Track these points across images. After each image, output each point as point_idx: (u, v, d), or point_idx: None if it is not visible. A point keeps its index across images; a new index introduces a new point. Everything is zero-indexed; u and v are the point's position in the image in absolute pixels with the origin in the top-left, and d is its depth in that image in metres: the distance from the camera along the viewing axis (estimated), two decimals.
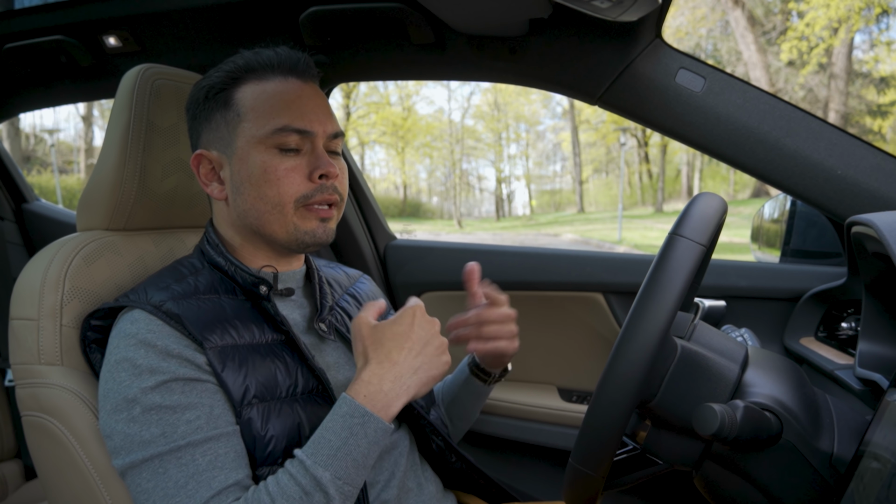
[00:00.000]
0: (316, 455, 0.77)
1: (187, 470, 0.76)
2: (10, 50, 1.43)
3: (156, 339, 0.81)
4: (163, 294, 0.86)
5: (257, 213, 0.89)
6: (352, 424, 0.78)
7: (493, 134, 31.28)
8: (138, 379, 0.79)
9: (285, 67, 0.91)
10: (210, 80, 0.91)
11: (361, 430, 0.78)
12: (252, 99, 0.89)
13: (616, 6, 0.89)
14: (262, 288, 0.90)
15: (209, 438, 0.78)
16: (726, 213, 0.79)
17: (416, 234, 21.42)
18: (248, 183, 0.88)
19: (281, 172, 0.87)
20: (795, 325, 1.28)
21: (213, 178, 0.93)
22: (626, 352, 0.69)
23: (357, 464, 0.77)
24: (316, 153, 0.89)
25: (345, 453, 0.77)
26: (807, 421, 0.73)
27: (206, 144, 0.92)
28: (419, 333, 0.84)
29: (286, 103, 0.88)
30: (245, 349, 0.85)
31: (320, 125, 0.90)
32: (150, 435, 0.77)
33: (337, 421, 0.79)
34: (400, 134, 28.70)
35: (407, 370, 0.82)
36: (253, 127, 0.88)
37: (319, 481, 0.75)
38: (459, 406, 1.15)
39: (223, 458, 0.78)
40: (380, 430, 0.79)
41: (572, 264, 1.50)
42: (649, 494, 1.46)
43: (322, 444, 0.78)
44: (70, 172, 25.35)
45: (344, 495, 0.76)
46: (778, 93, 4.66)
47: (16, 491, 1.72)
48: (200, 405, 0.79)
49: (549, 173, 35.61)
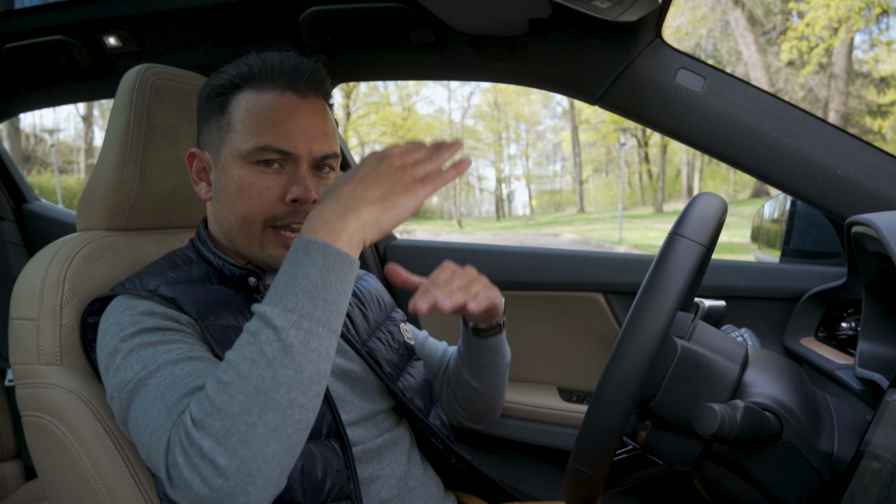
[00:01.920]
0: (267, 299, 0.70)
1: (164, 382, 0.74)
2: (10, 50, 1.43)
3: (141, 305, 0.82)
4: (158, 280, 0.87)
5: (229, 225, 0.90)
6: (296, 258, 0.69)
7: (493, 134, 31.29)
8: (120, 333, 0.80)
9: (285, 80, 0.88)
10: (214, 80, 0.91)
11: (307, 259, 0.69)
12: (244, 110, 0.87)
13: (616, 6, 0.89)
14: (252, 279, 0.91)
15: (189, 358, 0.76)
16: (726, 213, 0.79)
17: (416, 234, 21.41)
18: (225, 194, 0.89)
19: (255, 190, 0.86)
20: (795, 325, 1.28)
21: (202, 178, 0.94)
22: (626, 352, 0.68)
23: (311, 294, 0.68)
24: (296, 175, 0.87)
25: (293, 287, 0.68)
26: (807, 421, 0.73)
27: (201, 144, 0.93)
28: (366, 169, 0.73)
29: (274, 121, 0.86)
30: (240, 331, 0.85)
31: (306, 146, 0.87)
32: (133, 372, 0.76)
33: (285, 262, 0.71)
34: (400, 134, 28.68)
35: (352, 197, 0.72)
36: (239, 139, 0.87)
37: (266, 316, 0.67)
38: (477, 365, 1.10)
39: (202, 371, 0.75)
40: (329, 254, 0.69)
41: (572, 264, 1.50)
42: (649, 494, 1.46)
43: (272, 288, 0.70)
44: (70, 172, 25.36)
45: (302, 330, 0.67)
46: (778, 93, 4.66)
47: (16, 491, 1.72)
48: (182, 342, 0.79)
49: (549, 173, 35.65)
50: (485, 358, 1.10)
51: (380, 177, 0.72)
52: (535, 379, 1.60)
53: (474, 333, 1.07)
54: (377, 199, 0.72)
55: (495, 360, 1.11)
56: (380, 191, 0.72)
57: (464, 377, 1.13)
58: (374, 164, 0.73)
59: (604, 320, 1.49)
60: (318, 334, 0.68)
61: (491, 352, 1.09)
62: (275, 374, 0.66)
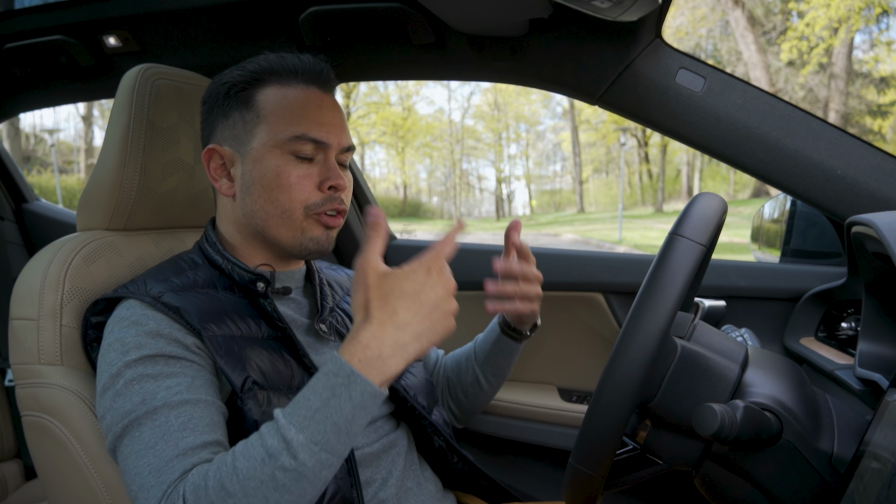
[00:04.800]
0: (292, 415, 0.69)
1: (159, 431, 0.75)
2: (10, 50, 1.43)
3: (147, 320, 0.82)
4: (162, 286, 0.87)
5: (265, 216, 0.90)
6: (335, 384, 0.68)
7: (493, 134, 31.30)
8: (125, 355, 0.80)
9: (309, 76, 0.92)
10: (233, 77, 0.92)
11: (346, 392, 0.68)
12: (273, 103, 0.90)
13: (616, 6, 0.89)
14: (260, 285, 0.91)
15: (186, 402, 0.77)
16: (726, 213, 0.79)
17: (416, 234, 21.41)
18: (260, 185, 0.89)
19: (293, 179, 0.88)
20: (795, 325, 1.28)
21: (222, 174, 0.93)
22: (626, 352, 0.68)
23: (338, 429, 0.68)
24: (328, 164, 0.91)
25: (324, 416, 0.68)
26: (807, 421, 0.73)
27: (220, 140, 0.93)
28: (431, 294, 0.72)
29: (307, 112, 0.89)
30: (243, 340, 0.86)
31: (336, 137, 0.91)
32: (132, 404, 0.77)
33: (320, 380, 0.70)
34: (400, 134, 28.70)
35: (411, 335, 0.71)
36: (271, 130, 0.89)
37: (290, 443, 0.67)
38: (493, 364, 1.14)
39: (197, 420, 0.76)
40: (367, 393, 0.69)
41: (572, 264, 1.50)
42: (649, 494, 1.46)
43: (301, 404, 0.69)
44: (70, 172, 25.36)
45: (321, 463, 0.68)
46: (778, 93, 4.66)
47: (16, 491, 1.72)
48: (182, 375, 0.80)
49: (549, 173, 35.65)
50: (506, 360, 1.14)
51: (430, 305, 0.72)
52: (535, 379, 1.60)
53: (511, 335, 1.11)
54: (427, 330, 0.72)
55: (512, 362, 1.15)
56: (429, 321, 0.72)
57: (476, 375, 1.15)
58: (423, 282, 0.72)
59: (604, 320, 1.49)
60: (331, 465, 0.70)
61: (514, 354, 1.14)
62: (280, 497, 0.67)
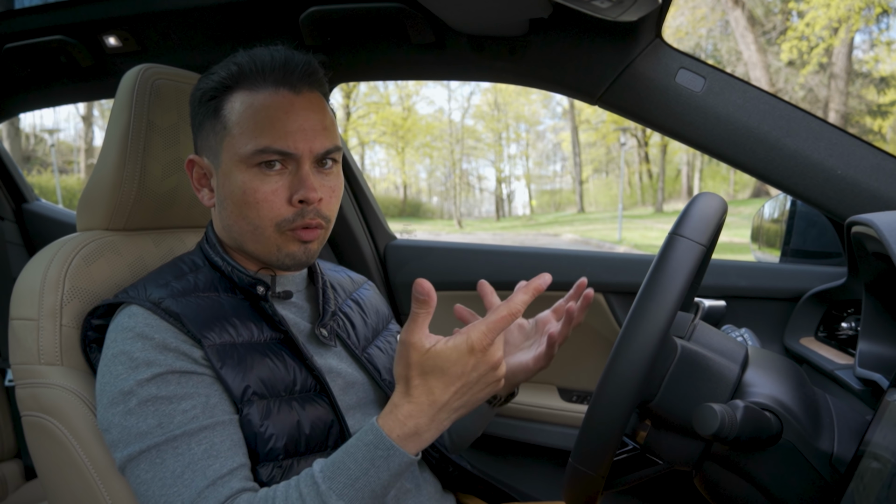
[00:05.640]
0: (333, 480, 0.73)
1: (183, 459, 0.76)
2: (10, 50, 1.43)
3: (153, 332, 0.81)
4: (162, 291, 0.86)
5: (239, 230, 0.88)
6: (375, 457, 0.73)
7: (493, 134, 31.29)
8: (134, 372, 0.79)
9: (278, 76, 0.85)
10: (204, 83, 0.88)
11: (385, 464, 0.73)
12: (238, 113, 0.84)
13: (616, 6, 0.89)
14: (260, 288, 0.90)
15: (205, 427, 0.78)
16: (726, 213, 0.79)
17: (416, 233, 21.41)
18: (230, 200, 0.86)
19: (260, 195, 0.84)
20: (795, 325, 1.28)
21: (204, 185, 0.92)
22: (626, 352, 0.68)
23: (375, 495, 0.74)
24: (299, 175, 0.84)
25: (364, 484, 0.73)
26: (807, 421, 0.73)
27: (199, 150, 0.91)
28: (473, 375, 0.74)
29: (271, 121, 0.83)
30: (243, 347, 0.85)
31: (306, 144, 0.84)
32: (147, 426, 0.77)
33: (360, 449, 0.74)
34: (400, 134, 28.70)
35: (448, 411, 0.75)
36: (237, 143, 0.84)
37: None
38: (461, 425, 1.08)
39: (219, 446, 0.78)
40: (404, 463, 0.74)
41: (572, 264, 1.50)
42: (649, 494, 1.46)
43: (341, 469, 0.74)
44: (70, 172, 25.36)
45: None
46: (778, 93, 4.66)
47: (16, 491, 1.72)
48: (196, 395, 0.80)
49: (549, 173, 35.65)
50: (477, 427, 1.07)
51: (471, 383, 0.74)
52: (535, 379, 1.59)
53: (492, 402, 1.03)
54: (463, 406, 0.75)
55: (479, 427, 1.08)
56: (467, 397, 0.75)
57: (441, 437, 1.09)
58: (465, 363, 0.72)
59: (604, 320, 1.49)
60: None
61: (482, 419, 1.06)
62: None
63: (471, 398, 0.75)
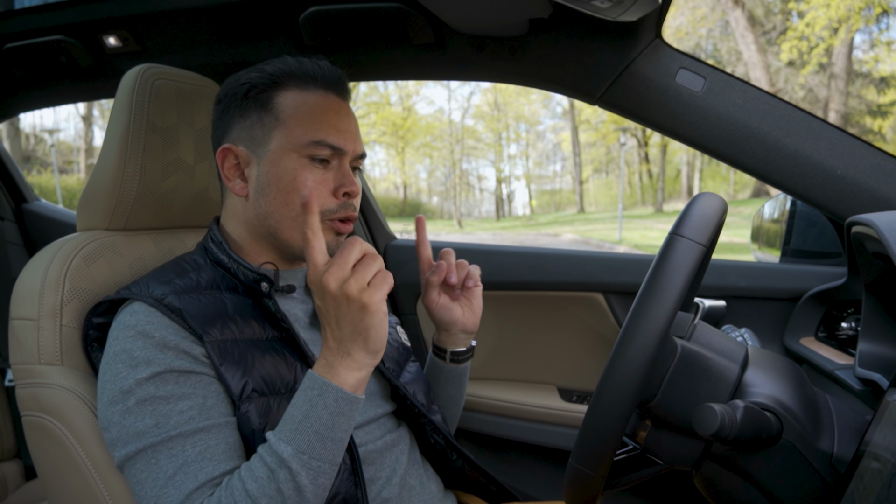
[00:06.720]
0: (280, 432, 0.77)
1: (177, 461, 0.77)
2: (10, 50, 1.43)
3: (154, 330, 0.81)
4: (165, 288, 0.86)
5: (279, 217, 0.90)
6: (311, 396, 0.76)
7: (493, 134, 31.29)
8: (134, 370, 0.79)
9: (326, 82, 0.93)
10: (251, 78, 0.92)
11: (321, 401, 0.76)
12: (293, 107, 0.90)
13: (616, 6, 0.89)
14: (264, 285, 0.91)
15: (200, 430, 0.79)
16: (726, 213, 0.79)
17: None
18: (276, 187, 0.89)
19: (310, 183, 0.89)
20: (795, 325, 1.28)
21: (236, 174, 0.93)
22: (626, 352, 0.68)
23: (321, 436, 0.76)
24: (343, 170, 0.91)
25: (306, 426, 0.75)
26: (807, 421, 0.73)
27: (235, 140, 0.92)
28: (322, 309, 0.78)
29: (325, 117, 0.90)
30: (245, 344, 0.86)
31: (351, 144, 0.92)
32: (144, 426, 0.78)
33: (300, 395, 0.78)
34: (400, 134, 28.70)
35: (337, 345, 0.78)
36: (290, 134, 0.89)
37: (281, 457, 0.74)
38: (444, 395, 1.14)
39: (213, 449, 0.79)
40: (341, 399, 0.76)
41: (572, 264, 1.50)
42: (649, 494, 1.46)
43: (286, 420, 0.77)
44: (70, 172, 25.37)
45: (312, 471, 0.75)
46: (778, 93, 4.66)
47: (16, 491, 1.72)
48: (194, 395, 0.80)
49: (549, 173, 35.66)
50: (454, 387, 1.13)
51: (335, 315, 0.77)
52: (535, 379, 1.60)
53: (451, 359, 1.10)
54: (352, 335, 0.77)
55: (460, 388, 1.15)
56: (348, 328, 0.77)
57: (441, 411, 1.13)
58: (322, 301, 0.78)
59: (604, 320, 1.49)
60: (325, 471, 0.77)
61: (460, 379, 1.13)
62: None
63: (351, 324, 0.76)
